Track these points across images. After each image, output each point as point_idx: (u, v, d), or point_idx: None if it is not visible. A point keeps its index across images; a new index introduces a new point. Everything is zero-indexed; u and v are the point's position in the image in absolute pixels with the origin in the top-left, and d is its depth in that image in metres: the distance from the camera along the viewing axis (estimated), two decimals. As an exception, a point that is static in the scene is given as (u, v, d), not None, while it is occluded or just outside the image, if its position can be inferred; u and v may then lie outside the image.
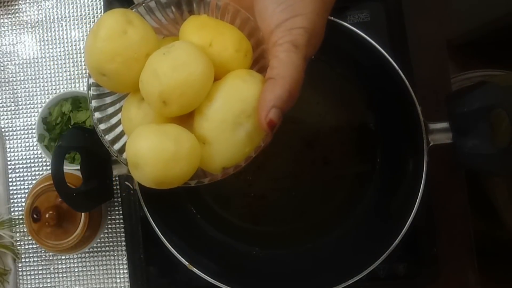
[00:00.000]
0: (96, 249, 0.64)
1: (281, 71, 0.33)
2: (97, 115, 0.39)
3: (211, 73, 0.34)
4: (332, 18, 0.50)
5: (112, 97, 0.40)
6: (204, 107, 0.34)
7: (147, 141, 0.33)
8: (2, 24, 0.67)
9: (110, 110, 0.40)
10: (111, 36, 0.34)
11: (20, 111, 0.66)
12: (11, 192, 0.66)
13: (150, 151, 0.33)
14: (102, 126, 0.39)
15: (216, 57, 0.35)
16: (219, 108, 0.34)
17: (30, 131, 0.66)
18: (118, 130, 0.40)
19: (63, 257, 0.64)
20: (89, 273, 0.64)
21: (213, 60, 0.35)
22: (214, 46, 0.35)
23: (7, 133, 0.66)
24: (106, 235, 0.64)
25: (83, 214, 0.56)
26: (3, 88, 0.67)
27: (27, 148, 0.66)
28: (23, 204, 0.61)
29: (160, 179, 0.33)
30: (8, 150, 0.66)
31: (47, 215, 0.55)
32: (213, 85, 0.34)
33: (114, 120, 0.40)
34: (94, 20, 0.66)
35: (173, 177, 0.33)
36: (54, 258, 0.64)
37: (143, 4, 0.37)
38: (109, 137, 0.39)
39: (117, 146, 0.40)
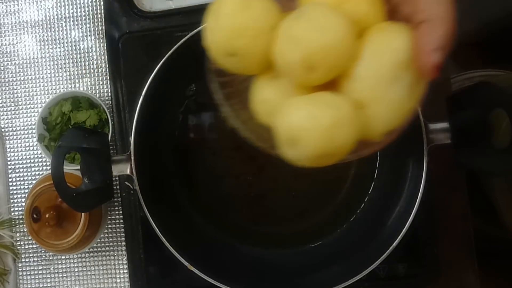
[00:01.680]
0: (96, 249, 0.64)
1: (434, 11, 0.30)
2: (225, 110, 0.37)
3: (352, 30, 0.31)
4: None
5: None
6: (352, 68, 0.31)
7: (302, 111, 0.30)
8: (2, 24, 0.67)
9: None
10: (235, 11, 0.31)
11: (20, 111, 0.66)
12: (11, 192, 0.66)
13: (308, 121, 0.30)
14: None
15: (350, 15, 0.31)
16: (370, 65, 0.30)
17: (30, 131, 0.66)
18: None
19: (63, 257, 0.64)
20: (89, 273, 0.64)
21: (348, 18, 0.31)
22: (346, 3, 0.32)
23: (7, 133, 0.66)
24: (106, 235, 0.64)
25: (83, 214, 0.56)
26: (3, 88, 0.67)
27: (27, 148, 0.66)
28: (23, 204, 0.61)
29: (322, 151, 0.30)
30: (8, 150, 0.66)
31: (47, 215, 0.55)
32: (355, 43, 0.31)
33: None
34: (94, 20, 0.66)
35: (336, 147, 0.30)
36: (54, 258, 0.64)
37: None
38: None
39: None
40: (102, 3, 0.65)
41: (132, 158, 0.50)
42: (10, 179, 0.66)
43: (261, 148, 0.37)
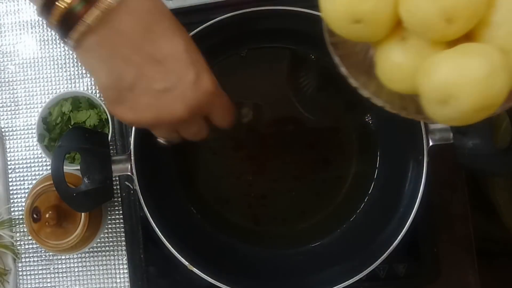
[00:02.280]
0: (96, 249, 0.64)
1: None
2: (353, 81, 0.36)
3: None
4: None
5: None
6: (491, 14, 0.30)
7: (453, 65, 0.29)
8: (2, 24, 0.67)
9: None
10: None
11: (20, 111, 0.66)
12: (11, 192, 0.66)
13: (462, 74, 0.28)
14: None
15: None
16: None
17: (30, 131, 0.66)
18: None
19: (63, 257, 0.64)
20: (89, 273, 0.64)
21: None
22: None
23: (7, 133, 0.66)
24: (106, 235, 0.64)
25: (83, 214, 0.56)
26: (3, 88, 0.67)
27: (27, 148, 0.66)
28: (23, 204, 0.61)
29: (479, 104, 0.29)
30: (8, 150, 0.66)
31: (47, 215, 0.55)
32: None
33: None
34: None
35: (492, 97, 0.29)
36: (54, 258, 0.64)
37: None
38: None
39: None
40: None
41: (132, 158, 0.50)
42: (10, 179, 0.66)
43: (403, 115, 0.36)
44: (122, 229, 0.63)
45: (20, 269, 0.65)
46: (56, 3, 0.35)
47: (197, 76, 0.38)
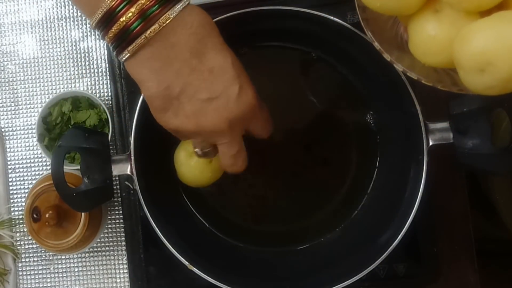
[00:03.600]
0: (96, 249, 0.64)
1: None
2: (387, 56, 0.36)
3: None
4: (332, 17, 0.50)
5: None
6: None
7: (490, 33, 0.29)
8: (2, 24, 0.67)
9: None
10: None
11: (20, 111, 0.66)
12: (11, 192, 0.66)
13: (500, 41, 0.28)
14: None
15: None
16: None
17: (30, 131, 0.66)
18: None
19: (63, 257, 0.64)
20: (89, 273, 0.64)
21: None
22: None
23: (7, 133, 0.66)
24: (106, 235, 0.64)
25: (83, 214, 0.56)
26: (3, 88, 0.67)
27: (27, 148, 0.66)
28: (23, 204, 0.61)
29: None
30: (8, 150, 0.66)
31: (47, 215, 0.55)
32: None
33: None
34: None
35: None
36: (54, 258, 0.64)
37: None
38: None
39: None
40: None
41: (132, 158, 0.50)
42: (10, 179, 0.66)
43: (440, 87, 0.36)
44: (122, 229, 0.63)
45: (20, 269, 0.65)
46: (116, 22, 0.36)
47: (241, 89, 0.39)
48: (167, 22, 0.36)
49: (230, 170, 0.45)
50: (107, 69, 0.64)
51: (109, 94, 0.64)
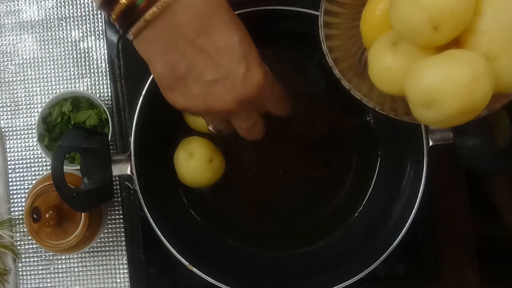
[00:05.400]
0: (96, 249, 0.64)
1: None
2: (346, 83, 0.38)
3: None
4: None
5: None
6: (476, 22, 0.31)
7: (438, 71, 0.30)
8: (2, 24, 0.67)
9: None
10: None
11: (20, 111, 0.66)
12: (11, 192, 0.66)
13: (446, 79, 0.29)
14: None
15: None
16: (496, 16, 0.30)
17: (30, 131, 0.66)
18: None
19: (63, 257, 0.64)
20: (89, 273, 0.64)
21: None
22: None
23: (7, 133, 0.66)
24: (106, 235, 0.64)
25: (83, 214, 0.56)
26: (3, 88, 0.67)
27: (27, 148, 0.66)
28: (23, 204, 0.61)
29: (463, 107, 0.30)
30: (8, 150, 0.66)
31: (47, 215, 0.55)
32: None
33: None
34: (94, 20, 0.66)
35: (476, 102, 0.30)
36: (54, 258, 0.64)
37: None
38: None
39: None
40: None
41: (132, 158, 0.50)
42: (10, 179, 0.66)
43: (392, 115, 0.38)
44: (122, 229, 0.63)
45: (20, 269, 0.65)
46: (119, 1, 0.36)
47: (247, 69, 0.39)
48: (167, 3, 0.36)
49: (247, 139, 0.45)
50: (107, 69, 0.64)
51: (109, 94, 0.64)
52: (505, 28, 0.30)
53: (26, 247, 0.65)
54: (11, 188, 0.66)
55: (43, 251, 0.64)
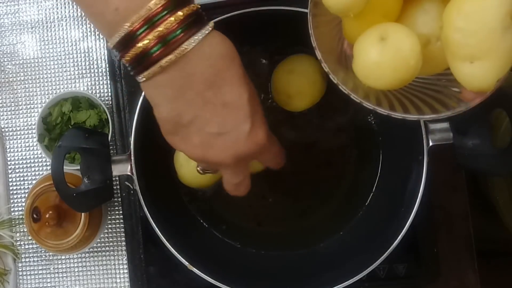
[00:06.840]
0: (96, 249, 0.64)
1: None
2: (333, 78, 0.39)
3: None
4: (332, 18, 0.50)
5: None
6: (457, 21, 0.32)
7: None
8: (2, 24, 0.67)
9: None
10: None
11: (20, 111, 0.66)
12: (11, 192, 0.66)
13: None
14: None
15: None
16: (479, 19, 0.32)
17: (30, 131, 0.66)
18: None
19: (63, 257, 0.64)
20: (89, 273, 0.64)
21: None
22: None
23: (7, 133, 0.66)
24: (106, 235, 0.64)
25: (83, 214, 0.56)
26: (3, 88, 0.67)
27: (27, 148, 0.66)
28: (23, 204, 0.61)
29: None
30: (8, 150, 0.66)
31: (47, 215, 0.55)
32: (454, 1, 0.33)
33: None
34: (94, 20, 0.66)
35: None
36: (54, 258, 0.64)
37: None
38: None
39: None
40: (102, 3, 0.65)
41: (132, 158, 0.50)
42: (10, 179, 0.66)
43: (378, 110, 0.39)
44: (122, 229, 0.63)
45: (20, 269, 0.65)
46: (137, 44, 0.35)
47: (252, 127, 0.39)
48: (184, 52, 0.36)
49: (230, 194, 0.45)
50: (107, 69, 0.64)
51: (109, 94, 0.64)
52: (489, 32, 0.31)
53: (26, 247, 0.65)
54: (11, 188, 0.66)
55: (43, 251, 0.64)
